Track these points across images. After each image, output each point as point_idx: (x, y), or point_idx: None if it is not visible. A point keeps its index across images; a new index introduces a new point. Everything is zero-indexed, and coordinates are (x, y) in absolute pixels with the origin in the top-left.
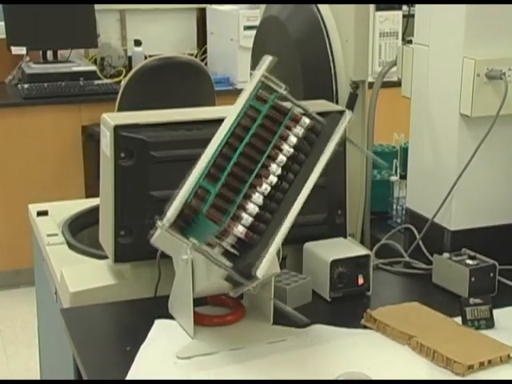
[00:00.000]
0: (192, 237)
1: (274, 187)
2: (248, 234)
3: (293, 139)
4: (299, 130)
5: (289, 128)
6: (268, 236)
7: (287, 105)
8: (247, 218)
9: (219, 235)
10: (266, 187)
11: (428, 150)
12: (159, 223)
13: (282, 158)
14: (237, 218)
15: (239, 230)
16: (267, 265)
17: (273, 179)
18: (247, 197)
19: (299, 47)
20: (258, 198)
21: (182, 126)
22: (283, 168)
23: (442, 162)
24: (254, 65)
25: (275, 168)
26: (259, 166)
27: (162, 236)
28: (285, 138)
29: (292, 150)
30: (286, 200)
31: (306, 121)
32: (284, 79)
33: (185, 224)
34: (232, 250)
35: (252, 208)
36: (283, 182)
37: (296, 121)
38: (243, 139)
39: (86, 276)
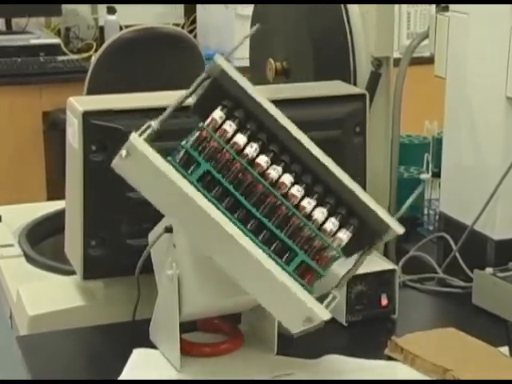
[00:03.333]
0: None
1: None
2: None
3: (319, 212)
4: (331, 224)
5: (332, 212)
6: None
7: None
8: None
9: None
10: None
11: (467, 142)
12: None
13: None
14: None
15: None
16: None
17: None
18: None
19: (308, 17)
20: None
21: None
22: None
23: (484, 156)
24: (254, 41)
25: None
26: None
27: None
28: (319, 203)
29: (309, 207)
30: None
31: (343, 238)
32: (290, 56)
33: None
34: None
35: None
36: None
37: (341, 222)
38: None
39: (48, 296)
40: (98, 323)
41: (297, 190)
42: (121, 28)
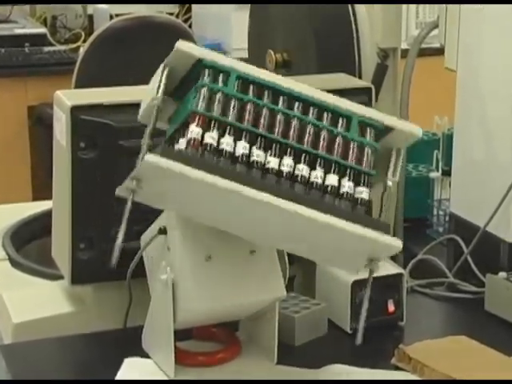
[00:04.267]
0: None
1: (263, 166)
2: (193, 144)
3: (332, 179)
4: (347, 186)
5: (343, 172)
6: (203, 166)
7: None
8: (212, 137)
9: (180, 131)
10: (258, 154)
11: (479, 139)
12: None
13: (303, 168)
14: (207, 127)
15: (194, 130)
16: (166, 165)
17: (272, 162)
18: (237, 135)
19: (310, 6)
20: (242, 147)
21: None
22: (292, 174)
23: (497, 154)
24: (252, 31)
25: (287, 163)
26: (281, 141)
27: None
28: (327, 169)
29: (319, 181)
30: (255, 181)
31: (364, 193)
32: (291, 47)
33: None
34: None
35: (226, 142)
36: (272, 176)
37: (357, 181)
38: (304, 114)
39: (33, 302)
40: (87, 331)
41: (302, 168)
42: (111, 17)
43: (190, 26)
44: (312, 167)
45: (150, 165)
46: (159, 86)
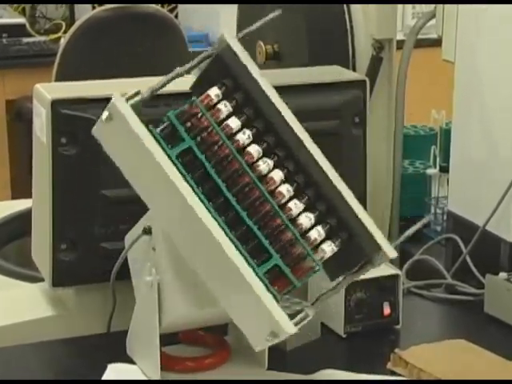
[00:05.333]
0: None
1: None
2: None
3: (302, 219)
4: (316, 234)
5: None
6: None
7: None
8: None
9: None
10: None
11: (478, 134)
12: None
13: (282, 190)
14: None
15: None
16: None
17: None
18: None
19: None
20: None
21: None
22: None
23: (497, 149)
24: (241, 21)
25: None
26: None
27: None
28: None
29: (291, 208)
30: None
31: (327, 251)
32: (282, 39)
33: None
34: None
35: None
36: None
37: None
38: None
39: (12, 306)
40: (69, 335)
41: (286, 189)
42: (93, 6)
43: (176, 16)
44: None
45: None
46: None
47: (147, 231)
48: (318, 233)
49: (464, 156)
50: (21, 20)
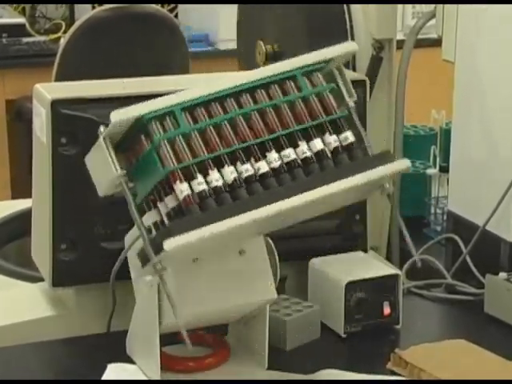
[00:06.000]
0: (135, 181)
1: (258, 176)
2: (189, 201)
3: (317, 144)
4: (333, 141)
5: (322, 130)
6: (213, 218)
7: (336, 106)
8: (200, 183)
9: (160, 190)
10: (247, 168)
11: (478, 134)
12: (100, 130)
13: (289, 152)
14: (189, 175)
15: (182, 187)
16: (186, 242)
17: (262, 167)
18: (219, 163)
19: None
20: (230, 173)
21: (144, 100)
22: (285, 164)
23: (497, 149)
24: (241, 21)
25: (274, 158)
26: (256, 142)
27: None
28: (309, 137)
29: (308, 154)
30: (263, 196)
31: (350, 137)
32: (282, 38)
33: (130, 151)
34: (165, 220)
35: (215, 178)
36: (272, 179)
37: (337, 130)
38: (257, 103)
39: (12, 306)
40: (69, 335)
41: (274, 157)
42: (93, 6)
43: (176, 16)
44: (295, 145)
45: (174, 250)
46: (113, 162)
47: (148, 231)
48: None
49: (464, 156)
50: (21, 20)
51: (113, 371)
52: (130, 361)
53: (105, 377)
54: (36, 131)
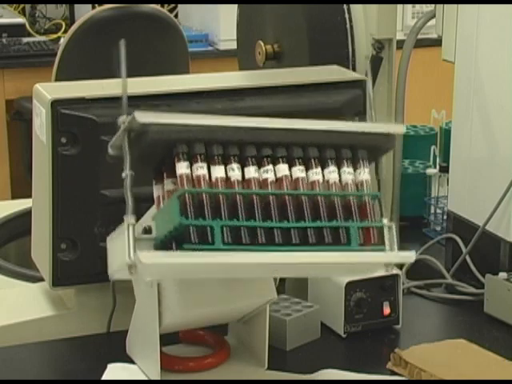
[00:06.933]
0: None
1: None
2: None
3: (333, 174)
4: (349, 177)
5: (340, 163)
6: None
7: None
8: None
9: None
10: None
11: (478, 134)
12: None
13: (300, 169)
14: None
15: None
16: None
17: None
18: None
19: None
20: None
21: (144, 100)
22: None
23: (497, 149)
24: (241, 21)
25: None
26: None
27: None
28: (324, 164)
29: (319, 178)
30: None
31: (367, 179)
32: (282, 38)
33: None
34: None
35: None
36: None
37: (355, 165)
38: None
39: (12, 305)
40: (69, 335)
41: (298, 170)
42: (93, 6)
43: (176, 16)
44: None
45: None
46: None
47: (147, 231)
48: (348, 173)
49: (464, 156)
50: (21, 20)
51: (113, 371)
52: (130, 361)
53: (105, 377)
54: (36, 131)
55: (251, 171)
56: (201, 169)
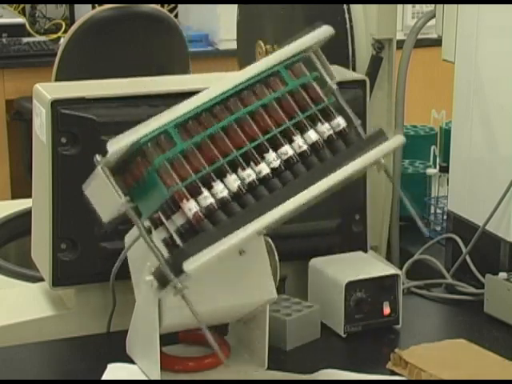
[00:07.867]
0: (136, 201)
1: (260, 179)
2: (199, 217)
3: (312, 135)
4: (326, 130)
5: (313, 121)
6: (226, 231)
7: (324, 94)
8: (206, 197)
9: (166, 209)
10: (249, 173)
11: (478, 134)
12: (97, 159)
13: (286, 149)
14: (193, 191)
15: (189, 206)
16: (205, 260)
17: (263, 169)
18: (220, 174)
19: None
20: (233, 181)
21: (143, 100)
22: (284, 162)
23: (497, 149)
24: (241, 21)
25: (273, 158)
26: (253, 145)
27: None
28: (302, 130)
29: (305, 147)
30: (269, 200)
31: (342, 123)
32: (282, 38)
33: (127, 173)
34: (176, 238)
35: (219, 189)
36: (275, 179)
37: (328, 117)
38: (247, 106)
39: (12, 305)
40: (69, 335)
41: (273, 157)
42: (93, 6)
43: (176, 16)
44: (290, 141)
45: (194, 271)
46: (116, 190)
47: (147, 231)
48: (325, 128)
49: (464, 156)
50: (20, 20)
51: (113, 371)
52: (130, 361)
53: (105, 377)
54: (36, 131)
55: (249, 174)
56: (210, 199)
